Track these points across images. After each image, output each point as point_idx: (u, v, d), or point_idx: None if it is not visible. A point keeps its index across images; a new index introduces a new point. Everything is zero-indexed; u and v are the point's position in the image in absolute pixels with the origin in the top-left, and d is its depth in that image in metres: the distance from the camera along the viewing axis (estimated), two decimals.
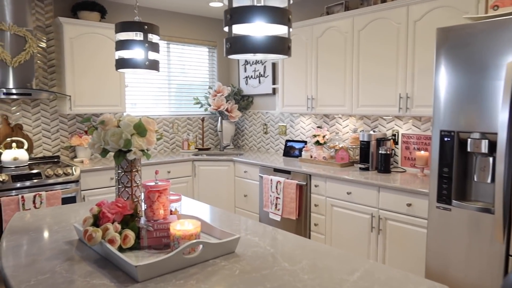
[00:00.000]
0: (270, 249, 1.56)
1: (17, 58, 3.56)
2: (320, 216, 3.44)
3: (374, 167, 3.47)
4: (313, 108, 3.89)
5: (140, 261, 1.43)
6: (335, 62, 3.65)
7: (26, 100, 3.86)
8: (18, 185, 3.21)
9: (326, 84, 3.74)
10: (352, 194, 3.16)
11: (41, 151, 3.98)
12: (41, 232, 1.77)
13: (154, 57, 2.09)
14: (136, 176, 1.67)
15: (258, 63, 4.91)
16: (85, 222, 1.52)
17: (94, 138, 1.60)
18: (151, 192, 1.52)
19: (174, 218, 1.59)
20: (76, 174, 3.50)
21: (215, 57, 5.30)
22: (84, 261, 1.44)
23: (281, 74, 4.19)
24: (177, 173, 4.27)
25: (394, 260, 2.91)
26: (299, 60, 3.99)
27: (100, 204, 1.57)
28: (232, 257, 1.47)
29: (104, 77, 3.97)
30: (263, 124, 4.97)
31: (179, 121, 4.97)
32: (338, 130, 4.07)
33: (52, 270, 1.36)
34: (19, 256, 1.49)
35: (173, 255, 1.33)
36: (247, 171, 4.19)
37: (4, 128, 3.73)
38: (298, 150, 4.35)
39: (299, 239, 1.67)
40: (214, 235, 1.66)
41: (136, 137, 1.57)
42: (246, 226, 1.88)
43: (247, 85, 5.13)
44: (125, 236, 1.47)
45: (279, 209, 3.70)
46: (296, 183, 3.54)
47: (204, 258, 1.43)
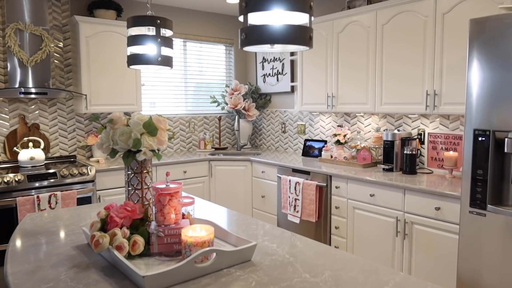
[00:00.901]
0: (289, 257, 1.44)
1: (33, 57, 3.53)
2: (341, 219, 3.30)
3: (398, 168, 3.30)
4: (334, 106, 3.74)
5: (149, 269, 1.33)
6: (356, 58, 3.49)
7: (43, 100, 3.84)
8: (33, 185, 3.18)
9: (347, 81, 3.59)
10: (376, 196, 3.00)
11: (58, 150, 3.96)
12: (50, 236, 1.69)
13: (167, 53, 1.99)
14: (146, 177, 1.57)
15: (276, 60, 4.79)
16: (92, 227, 1.43)
17: (103, 137, 1.51)
18: (161, 195, 1.42)
19: (186, 222, 1.48)
20: (91, 174, 3.45)
21: (232, 55, 5.20)
22: (91, 268, 1.35)
23: (299, 71, 4.06)
24: (193, 173, 4.19)
25: (421, 267, 2.75)
26: (319, 56, 3.85)
27: (108, 208, 1.49)
28: (248, 266, 1.36)
29: (120, 76, 3.92)
30: (281, 123, 4.85)
31: (195, 120, 4.89)
32: (360, 129, 3.91)
33: (56, 278, 1.27)
34: (24, 262, 1.41)
35: (184, 264, 1.22)
36: (265, 171, 4.08)
37: (21, 127, 3.72)
38: (317, 149, 4.21)
39: (321, 247, 1.55)
40: (229, 241, 1.55)
41: (146, 137, 1.48)
42: (263, 231, 1.76)
43: (264, 83, 5.01)
44: (134, 242, 1.38)
45: (298, 211, 3.57)
46: (315, 184, 3.41)
47: (218, 267, 1.32)
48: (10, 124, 3.69)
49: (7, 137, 3.66)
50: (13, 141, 3.69)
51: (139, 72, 4.04)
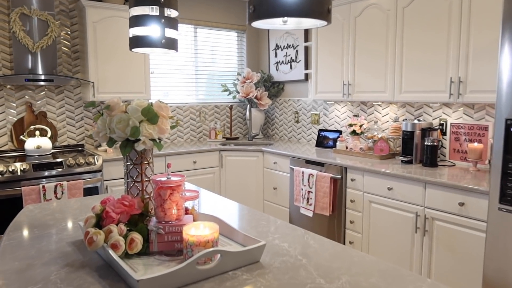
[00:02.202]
0: (302, 259, 1.30)
1: (39, 43, 3.43)
2: (357, 213, 3.14)
3: (418, 160, 3.12)
4: (350, 95, 3.56)
5: (148, 269, 1.21)
6: (375, 44, 3.30)
7: (50, 87, 3.75)
8: (39, 174, 3.11)
9: (365, 68, 3.40)
10: (394, 189, 2.84)
11: (66, 139, 3.88)
12: (46, 230, 1.59)
13: (172, 35, 1.85)
14: (147, 169, 1.45)
15: (290, 47, 4.61)
16: (86, 223, 1.32)
17: (99, 125, 1.39)
18: (162, 189, 1.29)
19: (189, 219, 1.36)
20: (98, 164, 3.36)
21: (245, 42, 5.03)
22: (85, 268, 1.24)
23: (314, 58, 3.88)
24: (203, 163, 4.07)
25: (442, 266, 2.59)
26: (334, 42, 3.66)
27: (104, 202, 1.37)
28: (256, 269, 1.23)
29: (128, 63, 3.80)
30: (294, 112, 4.68)
31: (206, 109, 4.76)
32: (377, 118, 3.73)
33: (46, 278, 1.16)
34: (15, 259, 1.30)
35: (184, 266, 1.10)
36: (277, 162, 3.93)
37: (28, 115, 3.64)
38: (332, 140, 4.04)
39: (337, 247, 1.40)
40: (236, 239, 1.42)
41: (145, 125, 1.35)
42: (274, 227, 1.62)
43: (277, 71, 4.84)
44: (131, 240, 1.25)
45: (311, 204, 3.42)
46: (330, 176, 3.25)
47: (222, 270, 1.19)
48: (17, 112, 3.62)
49: (14, 125, 3.58)
50: (20, 129, 3.61)
51: (147, 59, 3.92)
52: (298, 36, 4.47)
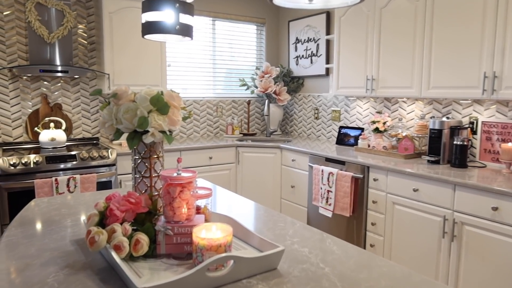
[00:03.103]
0: (324, 267, 1.17)
1: (54, 33, 3.38)
2: (379, 215, 2.98)
3: (445, 160, 2.93)
4: (373, 90, 3.38)
5: (154, 274, 1.09)
6: (402, 36, 3.12)
7: (66, 79, 3.70)
8: (52, 167, 3.05)
9: (390, 62, 3.22)
10: (420, 191, 2.67)
11: (81, 132, 3.83)
12: (50, 226, 1.50)
13: (187, 21, 1.73)
14: (156, 164, 1.33)
15: (311, 41, 4.45)
16: (89, 220, 1.21)
17: (105, 115, 1.28)
18: (171, 185, 1.18)
19: (200, 219, 1.24)
20: (112, 158, 3.28)
21: (264, 36, 4.90)
22: (86, 270, 1.13)
23: (336, 51, 3.71)
24: (219, 159, 3.96)
25: (472, 274, 2.41)
26: (358, 34, 3.49)
27: (109, 198, 1.26)
28: (273, 277, 1.10)
29: (144, 55, 3.71)
30: (314, 108, 4.53)
31: (223, 103, 4.65)
32: (402, 116, 3.54)
33: (42, 281, 1.06)
34: (13, 257, 1.21)
35: (194, 273, 0.98)
36: (295, 160, 3.79)
37: (43, 107, 3.60)
38: (353, 138, 3.88)
39: (363, 255, 1.26)
40: (251, 243, 1.29)
41: (154, 115, 1.23)
42: (293, 230, 1.49)
43: (297, 66, 4.69)
44: (136, 241, 1.14)
45: (330, 203, 3.28)
46: (351, 175, 3.10)
47: (236, 277, 1.07)
48: (33, 103, 3.57)
49: (29, 117, 3.54)
50: (35, 121, 3.57)
51: (164, 51, 3.82)
52: (320, 29, 4.31)
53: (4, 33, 3.36)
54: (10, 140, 3.49)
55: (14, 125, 3.50)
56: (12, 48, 3.41)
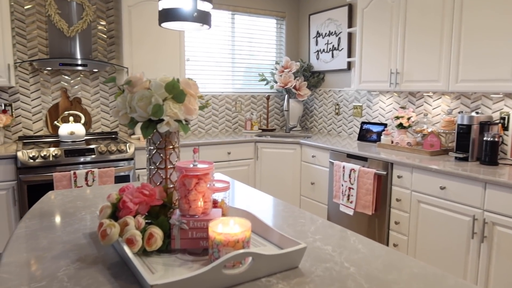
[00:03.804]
0: (349, 266, 1.09)
1: (74, 27, 3.38)
2: (403, 214, 2.86)
3: (474, 157, 2.79)
4: (397, 85, 3.26)
5: (168, 270, 1.03)
6: (428, 27, 2.98)
7: (85, 73, 3.70)
8: (70, 160, 3.04)
9: (416, 55, 3.09)
10: (448, 189, 2.54)
11: (100, 126, 3.82)
12: (64, 218, 1.46)
13: (204, 8, 1.67)
14: (172, 155, 1.27)
15: (332, 34, 4.33)
16: (101, 213, 1.16)
17: (119, 103, 1.23)
18: (186, 177, 1.11)
19: (217, 213, 1.17)
20: (130, 152, 3.26)
21: (284, 30, 4.80)
22: (97, 264, 1.08)
23: (358, 44, 3.59)
24: (238, 155, 3.90)
25: (503, 278, 2.27)
26: (382, 26, 3.36)
27: (123, 190, 1.21)
28: (294, 276, 1.03)
29: (163, 49, 3.67)
30: (335, 104, 4.41)
31: (242, 99, 4.59)
32: (427, 111, 3.40)
33: (52, 275, 1.02)
34: (24, 250, 1.17)
35: (209, 270, 0.91)
36: (316, 156, 3.70)
37: (63, 101, 3.61)
38: (375, 134, 3.75)
39: (392, 255, 1.18)
40: (270, 239, 1.22)
41: (170, 103, 1.17)
42: (315, 227, 1.41)
43: (318, 60, 4.58)
44: (149, 234, 1.09)
45: (352, 201, 3.17)
46: (374, 172, 2.99)
47: (254, 276, 1.00)
48: (52, 97, 3.59)
49: (49, 111, 3.56)
50: (55, 115, 3.59)
51: (182, 45, 3.78)
52: (341, 22, 4.19)
53: (25, 27, 3.38)
54: (30, 133, 3.52)
55: (34, 119, 3.52)
56: (33, 42, 3.43)
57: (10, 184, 2.91)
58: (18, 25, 3.36)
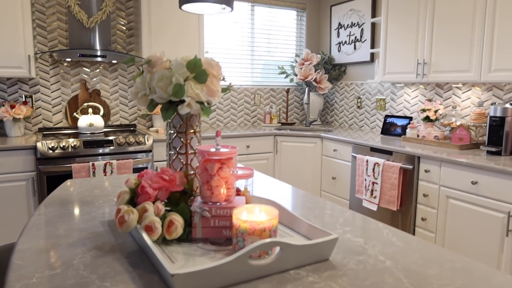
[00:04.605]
0: (384, 260, 1.00)
1: (93, 17, 3.35)
2: (430, 210, 2.74)
3: (508, 151, 2.64)
4: (425, 76, 3.12)
5: (188, 260, 0.97)
6: (460, 14, 2.84)
7: (104, 65, 3.68)
8: (89, 151, 3.02)
9: (445, 44, 2.95)
10: (479, 184, 2.41)
11: (118, 118, 3.80)
12: (81, 206, 1.41)
13: None
14: (193, 139, 1.20)
15: (354, 26, 4.21)
16: (119, 198, 1.10)
17: (138, 84, 1.16)
18: (209, 161, 1.04)
19: (241, 200, 1.10)
20: (148, 144, 3.22)
21: (304, 22, 4.70)
22: (115, 252, 1.02)
23: (383, 33, 3.46)
24: (256, 148, 3.83)
25: None
26: (409, 14, 3.22)
27: (142, 175, 1.15)
28: (325, 269, 0.94)
29: (182, 40, 3.62)
30: (356, 97, 4.29)
31: (261, 92, 4.51)
32: (455, 103, 3.25)
33: (68, 262, 0.96)
34: (39, 236, 1.12)
35: (234, 260, 0.84)
36: (337, 150, 3.59)
37: (82, 93, 3.60)
38: (400, 127, 3.62)
39: (430, 248, 1.08)
40: (297, 229, 1.14)
41: (191, 83, 1.10)
42: (343, 218, 1.32)
43: (339, 53, 4.46)
44: (169, 222, 1.02)
45: (375, 196, 3.06)
46: (399, 166, 2.87)
47: (282, 268, 0.92)
48: (72, 89, 3.58)
49: (68, 103, 3.55)
50: (74, 106, 3.58)
51: (202, 37, 3.72)
52: (364, 12, 4.06)
53: (45, 19, 3.38)
54: (50, 125, 3.52)
55: (54, 111, 3.52)
56: (53, 33, 3.42)
57: (30, 175, 2.91)
58: (38, 17, 3.36)
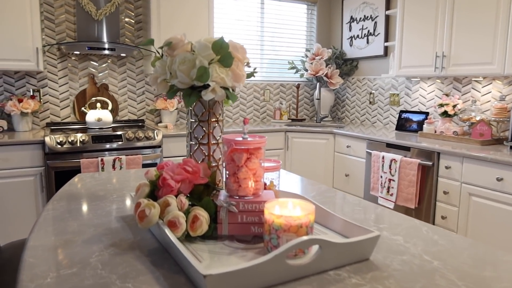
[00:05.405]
0: (431, 260, 0.91)
1: (102, 10, 3.27)
2: (451, 208, 2.64)
3: None
4: (443, 69, 3.02)
5: (215, 259, 0.88)
6: (482, 4, 2.73)
7: (113, 59, 3.60)
8: (98, 146, 2.95)
9: (465, 36, 2.84)
10: (505, 181, 2.30)
11: (126, 114, 3.73)
12: (94, 201, 1.33)
13: None
14: (215, 129, 1.12)
15: (367, 19, 4.10)
16: (138, 192, 1.02)
17: (158, 68, 1.08)
18: (236, 151, 0.95)
19: (270, 195, 1.01)
20: (158, 139, 3.14)
21: (315, 16, 4.59)
22: (134, 250, 0.94)
23: (399, 26, 3.36)
24: (267, 144, 3.74)
25: None
26: (426, 4, 3.12)
27: (161, 167, 1.06)
28: (367, 269, 0.85)
29: (192, 34, 3.53)
30: (369, 92, 4.19)
31: (271, 87, 4.41)
32: (475, 98, 3.15)
33: (84, 261, 0.88)
34: (52, 233, 1.04)
35: (272, 259, 0.75)
36: (351, 146, 3.49)
37: (90, 87, 3.52)
38: (416, 123, 3.52)
39: (478, 247, 0.99)
40: (330, 226, 1.05)
41: (216, 67, 1.01)
42: (375, 215, 1.23)
43: (351, 47, 4.36)
44: (194, 217, 0.93)
45: (392, 194, 2.96)
46: (418, 162, 2.77)
47: (320, 268, 0.83)
48: (80, 84, 3.50)
49: (76, 97, 3.48)
50: (82, 101, 3.50)
51: (212, 31, 3.63)
52: (378, 5, 3.95)
53: (53, 11, 3.30)
54: (58, 120, 3.45)
55: (62, 105, 3.45)
56: (61, 26, 3.34)
57: (38, 170, 2.84)
58: (46, 9, 3.28)
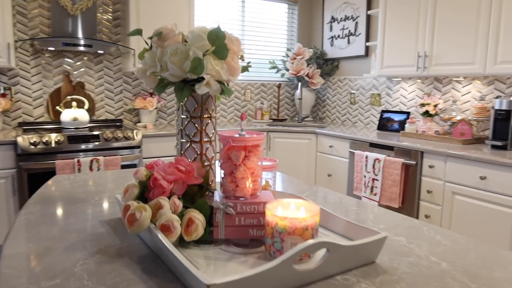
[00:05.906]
0: (439, 262, 0.87)
1: (78, 4, 3.14)
2: (435, 207, 2.65)
3: None
4: (425, 69, 3.04)
5: (214, 266, 0.81)
6: (464, 3, 2.76)
7: (89, 56, 3.46)
8: (74, 147, 2.81)
9: (447, 35, 2.87)
10: (488, 179, 2.33)
11: (103, 113, 3.59)
12: (75, 204, 1.24)
13: None
14: (208, 125, 1.05)
15: (348, 19, 4.11)
16: (126, 193, 0.94)
17: (147, 60, 1.00)
18: (233, 148, 0.89)
19: (269, 195, 0.95)
20: (137, 139, 3.03)
21: (296, 15, 4.57)
22: (123, 257, 0.86)
23: (381, 25, 3.37)
24: None
25: None
26: (409, 3, 3.13)
27: (151, 166, 0.99)
28: (375, 273, 0.81)
29: None
30: (350, 92, 4.19)
31: (251, 87, 4.36)
32: (455, 97, 3.19)
33: (68, 271, 0.79)
34: (30, 239, 0.95)
35: (279, 264, 0.69)
36: (333, 146, 3.48)
37: (65, 85, 3.37)
38: (397, 123, 3.54)
39: (482, 247, 0.96)
40: (332, 228, 1.00)
41: (211, 58, 0.95)
42: (373, 215, 1.19)
43: (332, 47, 4.36)
44: (189, 220, 0.86)
45: (376, 193, 2.96)
46: (401, 161, 2.77)
47: (327, 273, 0.78)
48: (54, 81, 3.35)
49: (50, 96, 3.32)
50: (56, 100, 3.35)
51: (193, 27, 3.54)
52: (359, 5, 3.96)
53: (26, 5, 3.14)
54: (30, 120, 3.28)
55: (35, 104, 3.29)
56: (34, 21, 3.19)
57: (9, 172, 2.68)
58: (18, 3, 3.12)
